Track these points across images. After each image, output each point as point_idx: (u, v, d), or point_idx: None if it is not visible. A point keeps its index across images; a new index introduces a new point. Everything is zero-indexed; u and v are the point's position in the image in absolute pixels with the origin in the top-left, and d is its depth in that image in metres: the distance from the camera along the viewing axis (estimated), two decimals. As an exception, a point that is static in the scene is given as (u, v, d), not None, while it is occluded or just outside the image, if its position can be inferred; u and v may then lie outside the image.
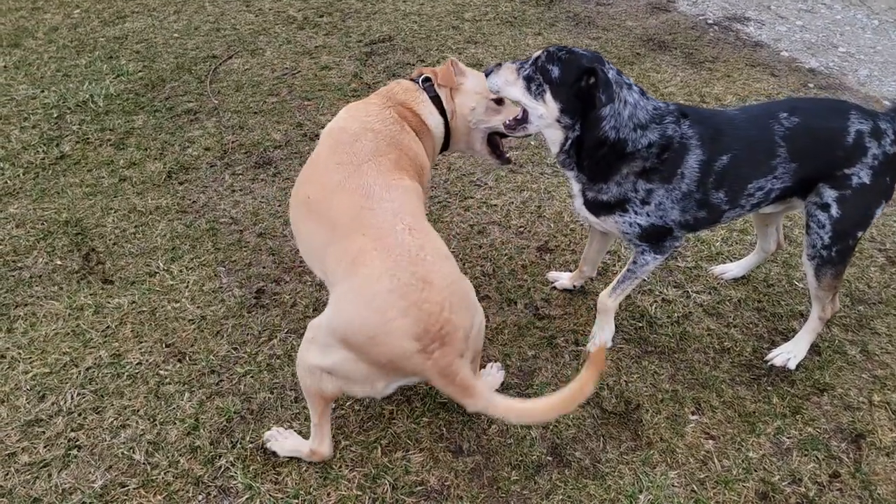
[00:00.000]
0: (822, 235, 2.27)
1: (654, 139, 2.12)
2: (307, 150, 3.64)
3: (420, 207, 2.05)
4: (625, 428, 2.38)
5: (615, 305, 2.53)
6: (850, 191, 2.20)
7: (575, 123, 2.12)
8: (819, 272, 2.35)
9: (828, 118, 2.22)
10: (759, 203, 2.31)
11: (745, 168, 2.21)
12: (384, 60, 4.44)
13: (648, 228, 2.28)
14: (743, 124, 2.23)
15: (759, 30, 5.22)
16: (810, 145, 2.20)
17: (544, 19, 5.04)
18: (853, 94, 4.47)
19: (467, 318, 1.85)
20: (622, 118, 2.06)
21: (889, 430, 2.38)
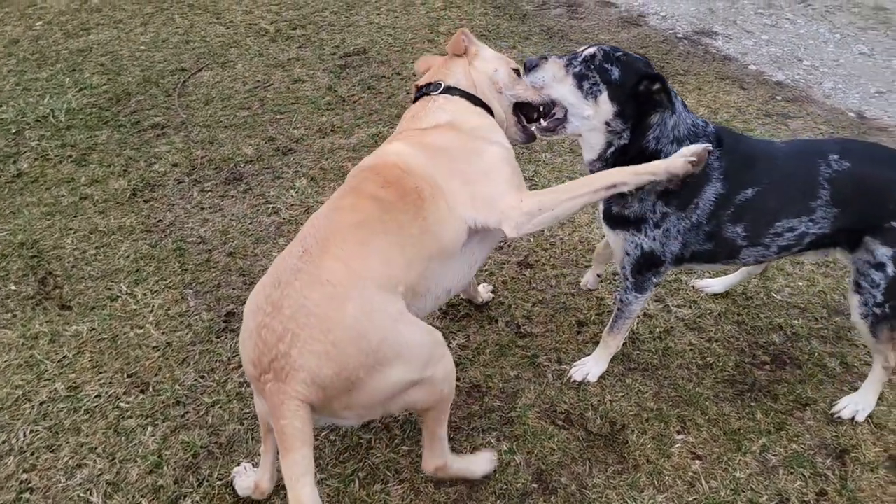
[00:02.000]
0: (875, 294, 2.16)
1: None
2: (279, 164, 3.55)
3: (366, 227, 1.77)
4: (611, 450, 2.32)
5: (616, 344, 2.50)
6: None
7: (625, 130, 2.02)
8: (875, 329, 2.25)
9: (881, 166, 2.12)
10: (791, 246, 2.17)
11: (774, 204, 2.10)
12: (359, 73, 4.37)
13: (647, 254, 2.21)
14: (783, 158, 2.13)
15: (726, 44, 5.30)
16: (858, 192, 2.07)
17: (518, 33, 5.04)
18: (819, 107, 4.55)
19: (327, 363, 1.55)
20: (666, 128, 2.00)
21: (872, 445, 2.37)
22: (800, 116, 4.40)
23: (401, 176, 1.89)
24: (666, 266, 2.25)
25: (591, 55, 1.99)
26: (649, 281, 2.29)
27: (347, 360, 1.56)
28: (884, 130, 4.38)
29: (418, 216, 1.85)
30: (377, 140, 3.74)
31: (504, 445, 2.31)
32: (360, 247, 1.72)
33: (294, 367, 1.52)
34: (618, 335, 2.47)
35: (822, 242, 2.18)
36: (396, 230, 1.80)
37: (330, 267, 1.65)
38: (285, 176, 3.47)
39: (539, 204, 1.92)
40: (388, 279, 1.71)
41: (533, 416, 2.42)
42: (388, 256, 1.75)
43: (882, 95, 4.85)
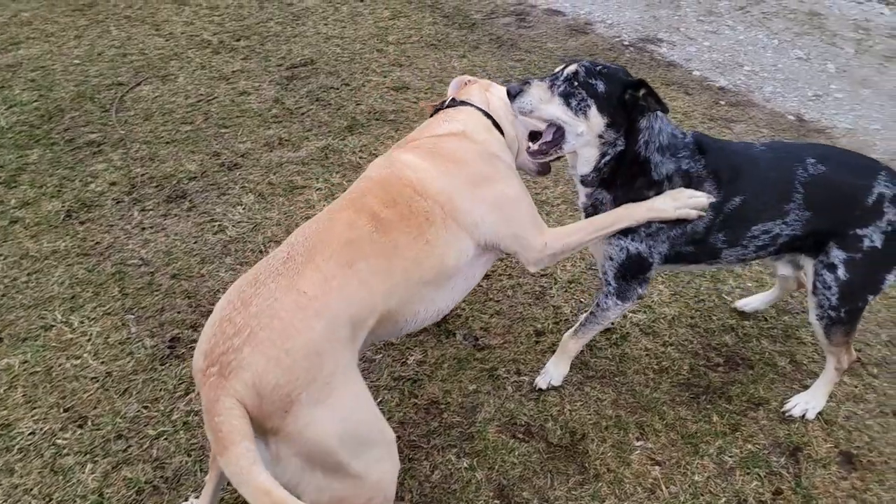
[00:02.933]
0: (829, 297, 2.20)
1: (672, 170, 2.10)
2: (225, 180, 3.43)
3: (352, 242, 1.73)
4: (571, 461, 2.31)
5: (577, 348, 2.48)
6: (860, 254, 2.13)
7: (618, 138, 2.04)
8: (829, 331, 2.29)
9: (855, 174, 2.17)
10: (766, 247, 2.22)
11: (754, 210, 2.15)
12: (306, 85, 4.28)
13: (633, 257, 2.20)
14: (765, 164, 2.16)
15: (671, 50, 5.43)
16: (830, 197, 2.13)
17: (468, 42, 5.04)
18: (760, 110, 4.70)
19: (275, 369, 1.45)
20: (654, 133, 2.05)
21: (823, 441, 2.42)
22: (742, 120, 4.53)
23: (411, 197, 1.86)
24: (652, 271, 2.24)
25: (573, 73, 2.02)
26: (633, 290, 2.27)
27: (295, 373, 1.47)
28: (822, 132, 4.55)
29: (420, 239, 1.82)
30: (327, 153, 3.66)
31: (465, 462, 2.27)
32: (343, 268, 1.66)
33: (241, 365, 1.43)
34: (581, 340, 2.44)
35: (793, 244, 2.22)
36: (388, 253, 1.76)
37: (310, 278, 1.60)
38: (231, 192, 3.36)
39: (563, 247, 2.05)
40: (361, 311, 1.67)
41: (493, 430, 2.38)
42: (371, 284, 1.71)
43: (819, 98, 5.05)
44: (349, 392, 1.57)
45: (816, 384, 2.52)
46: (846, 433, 2.45)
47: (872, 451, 2.39)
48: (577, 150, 2.10)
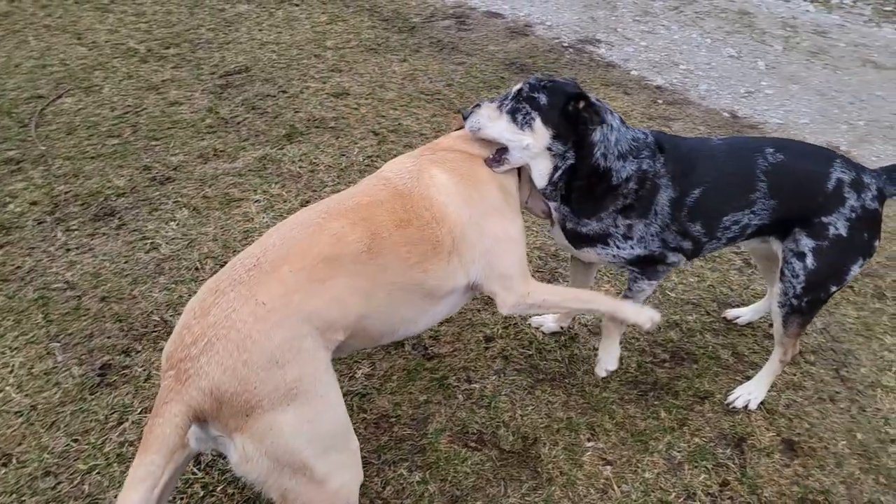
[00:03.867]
0: (795, 285, 2.25)
1: (632, 172, 2.12)
2: (157, 195, 3.28)
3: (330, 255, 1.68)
4: (524, 466, 2.29)
5: (623, 328, 2.40)
6: (826, 242, 2.18)
7: (567, 150, 2.06)
8: (787, 320, 2.33)
9: (812, 161, 2.24)
10: (736, 237, 2.28)
11: (720, 201, 2.19)
12: (242, 93, 4.14)
13: (634, 259, 2.23)
14: (722, 157, 2.22)
15: (609, 51, 5.53)
16: (792, 185, 2.18)
17: (408, 46, 5.00)
18: (696, 108, 4.83)
19: (232, 380, 1.47)
20: (610, 144, 2.07)
21: (766, 430, 2.48)
22: (680, 118, 4.64)
23: (427, 223, 1.83)
24: (669, 258, 2.25)
25: (518, 90, 2.06)
26: (659, 270, 2.28)
27: (252, 383, 1.48)
28: (755, 128, 4.71)
29: (417, 267, 1.80)
30: (265, 163, 3.55)
31: (417, 476, 2.22)
32: (312, 283, 1.62)
33: (198, 373, 1.47)
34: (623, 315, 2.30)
35: (761, 231, 2.28)
36: (373, 276, 1.72)
37: (271, 289, 1.57)
38: (164, 207, 3.21)
39: (542, 301, 2.03)
40: (330, 325, 1.64)
41: (445, 440, 2.34)
42: (346, 302, 1.67)
43: (751, 95, 5.23)
44: (317, 396, 1.57)
45: (759, 375, 2.57)
46: (787, 421, 2.52)
47: (812, 438, 2.47)
48: (531, 164, 2.09)
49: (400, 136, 3.92)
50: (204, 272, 2.87)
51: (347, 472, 1.67)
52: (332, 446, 1.62)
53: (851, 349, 2.89)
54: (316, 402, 1.57)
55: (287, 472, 1.53)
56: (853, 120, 5.01)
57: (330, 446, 1.61)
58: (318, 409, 1.58)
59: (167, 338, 2.59)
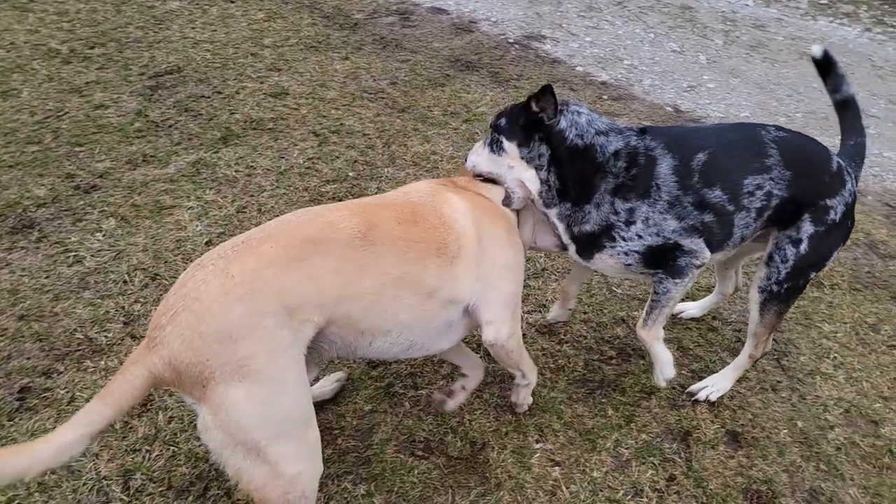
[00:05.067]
0: (781, 270, 2.22)
1: (620, 147, 2.09)
2: (81, 205, 3.09)
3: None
4: (472, 472, 2.24)
5: (658, 334, 2.28)
6: (823, 227, 2.17)
7: (538, 150, 2.12)
8: (764, 307, 2.30)
9: (813, 142, 2.24)
10: (764, 208, 2.15)
11: (733, 162, 2.12)
12: (173, 94, 3.96)
13: (648, 252, 2.13)
14: (720, 129, 2.26)
15: (554, 47, 5.53)
16: (803, 159, 2.15)
17: (350, 43, 4.88)
18: (641, 103, 4.87)
19: (188, 351, 1.51)
20: (581, 125, 2.09)
21: (711, 423, 2.49)
22: (625, 114, 4.67)
23: (435, 226, 1.89)
24: (687, 245, 2.12)
25: (490, 124, 2.22)
26: (681, 265, 2.13)
27: (207, 356, 1.51)
28: (697, 122, 4.78)
29: (418, 263, 1.82)
30: (199, 168, 3.39)
31: (361, 489, 2.14)
32: (290, 260, 1.64)
33: (162, 342, 1.53)
34: (654, 327, 2.26)
35: (784, 210, 2.17)
36: (363, 262, 1.73)
37: (245, 263, 1.60)
38: (89, 218, 3.03)
39: (516, 348, 2.08)
40: (302, 305, 1.63)
41: (391, 450, 2.27)
42: (323, 282, 1.67)
43: (693, 89, 5.31)
44: (269, 378, 1.56)
45: (727, 369, 2.57)
46: (731, 412, 2.55)
47: (755, 428, 2.49)
48: (522, 180, 2.16)
49: (342, 136, 3.81)
50: (133, 285, 2.71)
51: (304, 462, 1.66)
52: (286, 433, 1.61)
53: (791, 338, 2.94)
54: (268, 384, 1.56)
55: (240, 451, 1.55)
56: (791, 112, 5.15)
57: (283, 432, 1.60)
58: (272, 391, 1.57)
59: (92, 357, 2.45)
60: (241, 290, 1.55)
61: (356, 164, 3.60)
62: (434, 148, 3.85)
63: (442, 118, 4.16)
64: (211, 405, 1.52)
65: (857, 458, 2.45)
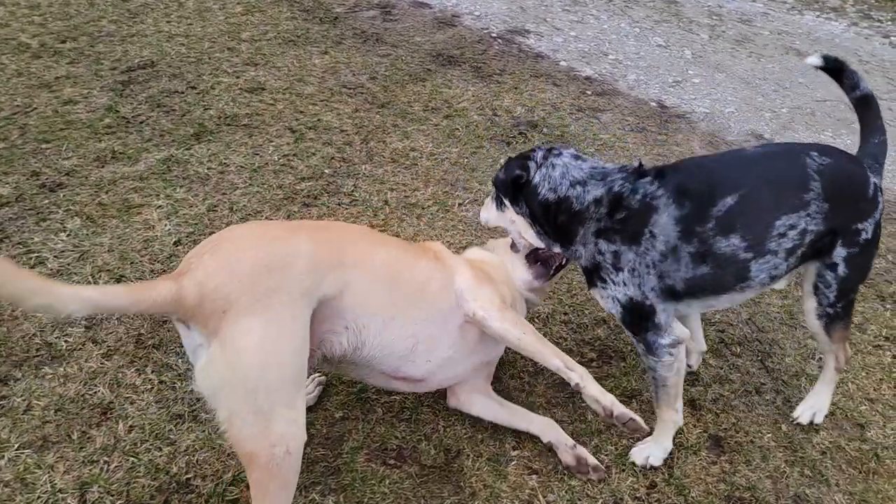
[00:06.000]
0: (829, 294, 2.16)
1: (600, 195, 2.05)
2: (46, 204, 2.98)
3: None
4: (446, 482, 2.16)
5: (671, 416, 2.20)
6: (857, 248, 2.10)
7: (524, 207, 2.21)
8: (830, 329, 2.24)
9: (857, 163, 2.13)
10: (796, 247, 2.03)
11: (765, 203, 2.00)
12: (146, 89, 3.84)
13: (628, 305, 2.06)
14: (757, 160, 2.12)
15: (538, 42, 5.45)
16: (844, 188, 2.04)
17: (330, 37, 4.78)
18: (625, 98, 4.80)
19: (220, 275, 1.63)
20: (554, 179, 2.10)
21: (693, 427, 2.43)
22: (609, 109, 4.61)
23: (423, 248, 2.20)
24: (661, 315, 2.05)
25: (492, 181, 2.32)
26: (655, 343, 2.08)
27: (238, 280, 1.62)
28: (682, 118, 4.72)
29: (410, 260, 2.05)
30: (170, 165, 3.28)
31: (330, 500, 2.06)
32: (318, 230, 1.99)
33: (198, 266, 1.63)
34: (665, 405, 2.19)
35: (818, 243, 2.07)
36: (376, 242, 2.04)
37: (282, 226, 1.97)
38: (53, 217, 2.92)
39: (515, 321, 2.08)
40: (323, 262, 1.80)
41: (362, 458, 2.19)
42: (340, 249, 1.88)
43: (678, 84, 5.26)
44: (286, 320, 1.66)
45: (819, 388, 2.48)
46: (714, 416, 2.48)
47: (739, 432, 2.43)
48: (525, 236, 2.26)
49: (319, 132, 3.72)
50: (109, 285, 2.61)
51: (292, 425, 1.67)
52: (283, 387, 1.65)
53: (776, 339, 2.89)
54: (282, 325, 1.65)
55: (240, 392, 1.59)
56: (776, 107, 5.10)
57: (281, 384, 1.65)
58: (282, 333, 1.65)
59: (51, 363, 2.35)
60: (280, 233, 1.83)
61: (333, 161, 3.50)
62: (413, 144, 3.76)
63: (422, 114, 4.07)
64: (223, 337, 1.58)
65: (843, 462, 2.40)
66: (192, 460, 2.07)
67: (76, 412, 2.16)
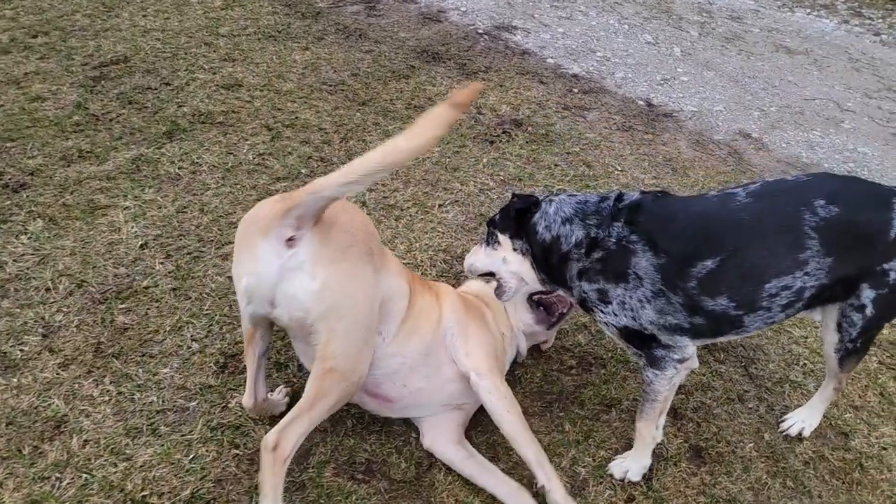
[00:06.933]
0: (852, 332, 2.08)
1: (581, 238, 2.02)
2: (7, 205, 2.87)
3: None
4: (416, 497, 2.08)
5: (650, 432, 2.12)
6: (886, 289, 1.98)
7: (525, 245, 2.17)
8: (843, 362, 2.18)
9: (872, 208, 1.96)
10: (792, 303, 1.96)
11: (751, 268, 1.90)
12: (118, 86, 3.73)
13: (624, 331, 1.99)
14: (748, 214, 1.91)
15: (525, 38, 5.36)
16: (851, 237, 1.91)
17: (311, 32, 4.67)
18: (612, 97, 4.72)
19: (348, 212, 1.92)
20: (549, 215, 2.09)
21: (674, 437, 2.36)
22: (596, 108, 4.52)
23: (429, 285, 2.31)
24: (665, 340, 1.98)
25: (486, 222, 2.30)
26: (664, 358, 2.00)
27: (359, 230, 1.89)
28: (669, 116, 4.64)
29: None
30: (139, 164, 3.18)
31: (294, 517, 1.97)
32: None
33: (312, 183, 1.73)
34: (646, 420, 2.11)
35: (822, 295, 1.99)
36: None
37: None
38: (15, 219, 2.81)
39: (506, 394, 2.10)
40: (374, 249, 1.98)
41: (329, 473, 2.10)
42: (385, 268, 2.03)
43: (667, 82, 5.18)
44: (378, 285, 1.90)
45: (814, 402, 2.43)
46: (695, 425, 2.41)
47: (720, 442, 2.36)
48: (521, 275, 2.19)
49: (296, 131, 3.62)
50: (56, 293, 2.51)
51: (367, 366, 1.91)
52: (373, 333, 1.90)
53: (760, 344, 2.82)
54: (378, 285, 1.91)
55: (350, 320, 1.79)
56: (765, 106, 5.04)
57: (372, 331, 1.89)
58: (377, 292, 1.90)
59: (4, 373, 2.24)
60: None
61: (310, 161, 3.41)
62: (394, 143, 3.66)
63: (405, 112, 3.98)
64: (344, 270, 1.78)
65: (826, 473, 2.33)
66: (149, 476, 1.98)
67: (28, 425, 2.07)
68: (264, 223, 1.75)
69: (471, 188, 3.46)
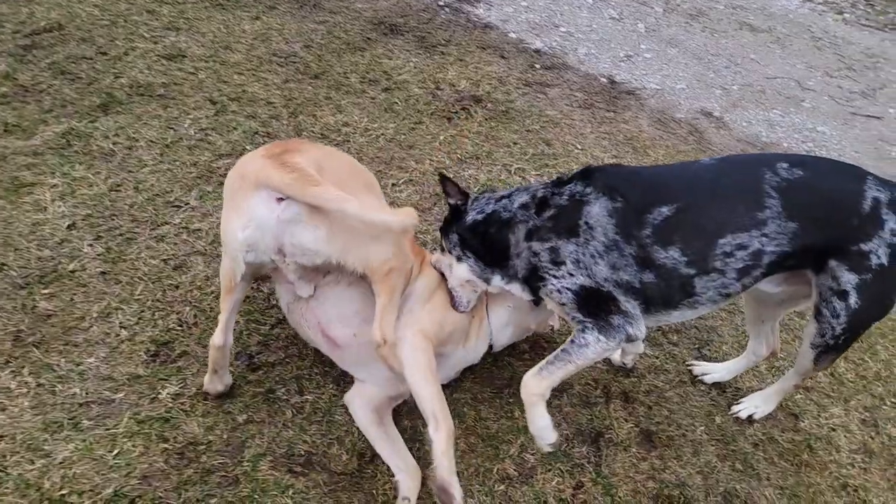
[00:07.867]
0: (835, 326, 1.95)
1: (527, 199, 2.00)
2: (-78, 184, 2.65)
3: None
4: (357, 490, 2.00)
5: (541, 391, 1.93)
6: (870, 274, 1.86)
7: (454, 240, 2.14)
8: (819, 358, 2.07)
9: (841, 177, 1.90)
10: (748, 269, 1.88)
11: (707, 220, 1.84)
12: (50, 55, 3.48)
13: (581, 292, 1.88)
14: (709, 175, 1.93)
15: (487, 11, 5.21)
16: (818, 205, 1.84)
17: (263, 1, 4.44)
18: (575, 73, 4.62)
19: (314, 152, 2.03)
20: (480, 202, 2.10)
21: (624, 421, 2.32)
22: (557, 84, 4.42)
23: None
24: (622, 303, 1.88)
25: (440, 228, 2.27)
26: (618, 327, 1.88)
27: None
28: (631, 94, 4.57)
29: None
30: (70, 139, 2.97)
31: (227, 514, 1.87)
32: None
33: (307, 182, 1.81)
34: (544, 380, 1.94)
35: (783, 263, 1.90)
36: None
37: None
38: (-72, 197, 2.60)
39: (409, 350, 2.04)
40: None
41: (265, 466, 2.00)
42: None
43: (630, 59, 5.09)
44: None
45: (771, 390, 2.39)
46: (646, 409, 2.38)
47: (671, 426, 2.33)
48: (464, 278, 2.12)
49: (243, 104, 3.43)
50: None
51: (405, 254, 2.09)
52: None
53: (714, 326, 2.79)
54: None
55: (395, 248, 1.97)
56: (728, 84, 5.00)
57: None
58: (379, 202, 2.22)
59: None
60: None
61: (256, 137, 3.24)
62: (347, 119, 3.51)
63: (359, 86, 3.82)
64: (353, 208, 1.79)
65: (775, 455, 2.33)
66: (69, 474, 1.85)
67: (-66, 422, 1.92)
68: (254, 178, 1.82)
69: (426, 167, 3.34)
